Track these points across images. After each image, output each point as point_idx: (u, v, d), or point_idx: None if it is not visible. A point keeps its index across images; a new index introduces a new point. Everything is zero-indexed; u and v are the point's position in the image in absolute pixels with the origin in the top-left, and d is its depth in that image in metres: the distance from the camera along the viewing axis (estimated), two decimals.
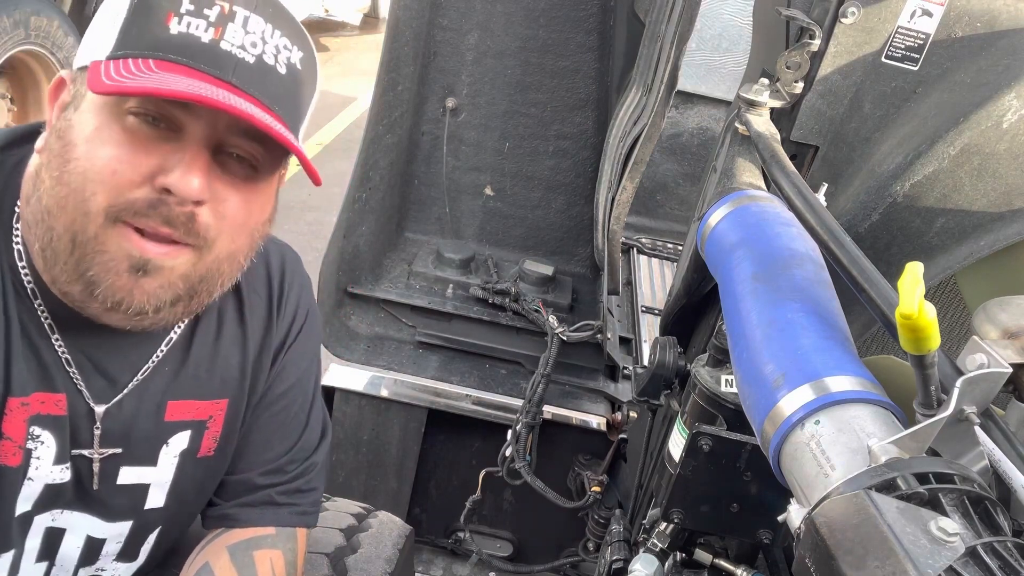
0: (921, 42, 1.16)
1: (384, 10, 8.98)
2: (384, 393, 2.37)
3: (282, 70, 0.94)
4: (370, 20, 9.83)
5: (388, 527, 1.52)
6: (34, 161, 0.95)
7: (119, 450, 1.08)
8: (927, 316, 0.61)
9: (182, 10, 0.88)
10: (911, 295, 0.60)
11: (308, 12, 8.08)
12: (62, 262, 0.92)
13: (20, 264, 0.98)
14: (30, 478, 1.03)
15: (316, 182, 0.97)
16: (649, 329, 2.44)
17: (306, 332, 1.24)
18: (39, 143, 0.95)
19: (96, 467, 1.07)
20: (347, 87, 7.43)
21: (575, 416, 2.38)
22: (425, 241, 2.85)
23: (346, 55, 8.82)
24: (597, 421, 2.37)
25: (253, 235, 1.01)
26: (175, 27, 0.88)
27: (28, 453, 1.01)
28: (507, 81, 2.69)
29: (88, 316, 0.97)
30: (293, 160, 1.01)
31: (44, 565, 1.12)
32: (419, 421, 2.38)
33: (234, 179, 0.94)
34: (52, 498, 1.06)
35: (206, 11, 0.89)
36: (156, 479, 1.13)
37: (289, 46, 0.95)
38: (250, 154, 0.94)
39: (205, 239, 0.94)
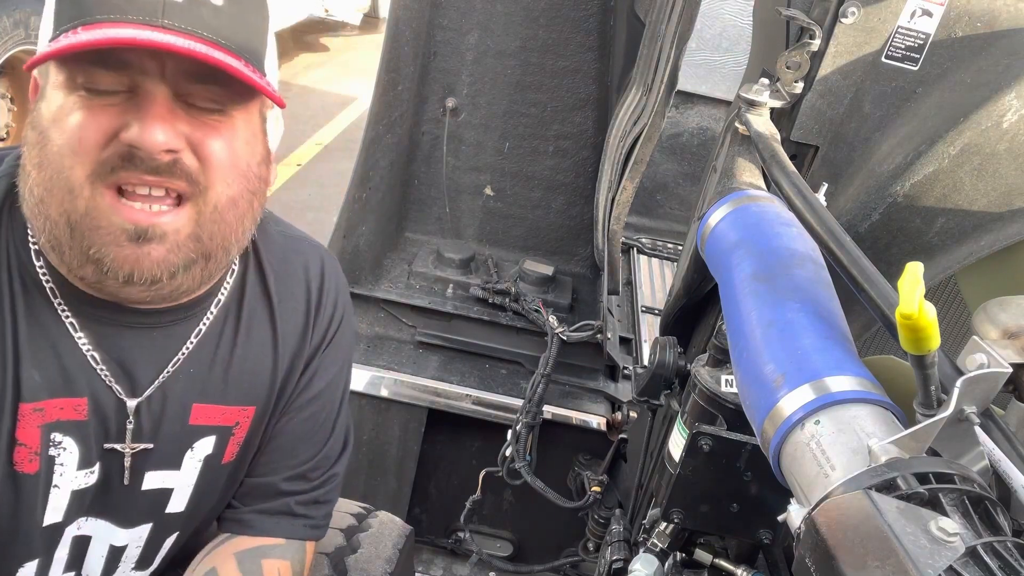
0: (921, 42, 1.16)
1: (384, 10, 8.97)
2: (384, 393, 2.37)
3: (217, 2, 0.89)
4: (370, 20, 9.83)
5: (388, 527, 1.52)
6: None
7: (150, 445, 1.07)
8: (927, 316, 0.61)
9: None
10: (911, 295, 0.60)
11: (308, 12, 8.08)
12: (67, 247, 0.91)
13: (38, 264, 0.98)
14: (56, 485, 1.02)
15: (280, 104, 0.95)
16: (649, 329, 2.44)
17: (339, 337, 1.22)
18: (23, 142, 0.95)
19: (127, 462, 1.06)
20: (347, 87, 7.43)
21: (575, 416, 2.38)
22: (425, 241, 2.85)
23: (346, 55, 8.82)
24: (597, 421, 2.37)
25: (249, 177, 0.98)
26: None
27: (51, 460, 1.00)
28: (507, 81, 2.69)
29: (108, 296, 0.97)
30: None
31: (72, 575, 1.11)
32: (419, 421, 2.38)
33: (205, 121, 0.92)
34: (79, 505, 1.06)
35: None
36: (179, 483, 1.12)
37: None
38: (209, 97, 0.91)
39: (197, 183, 0.92)
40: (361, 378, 2.36)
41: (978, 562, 0.53)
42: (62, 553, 1.08)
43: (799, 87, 1.19)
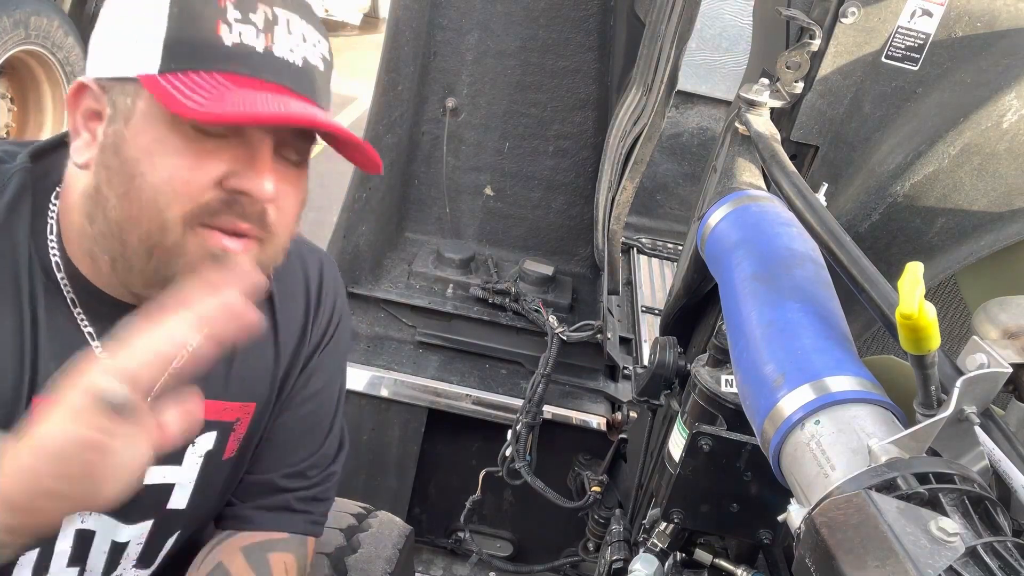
0: (921, 42, 1.16)
1: (384, 10, 8.98)
2: (384, 393, 2.37)
3: (321, 67, 0.97)
4: (370, 20, 9.83)
5: (388, 527, 1.52)
6: (82, 178, 0.94)
7: None
8: (927, 316, 0.61)
9: (229, 17, 0.87)
10: (911, 295, 0.60)
11: None
12: (138, 270, 0.93)
13: (60, 276, 0.98)
14: None
15: (377, 170, 1.01)
16: (649, 329, 2.44)
17: (337, 338, 1.25)
18: (82, 158, 0.93)
19: None
20: (347, 87, 7.42)
21: (575, 416, 2.38)
22: (425, 241, 2.85)
23: (346, 55, 8.82)
24: (597, 421, 2.37)
25: (297, 222, 1.04)
26: (227, 37, 0.87)
27: None
28: (507, 81, 2.69)
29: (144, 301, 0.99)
30: None
31: (75, 571, 1.12)
32: (419, 421, 2.38)
33: (288, 174, 0.97)
34: None
35: (252, 16, 0.88)
36: (180, 479, 1.13)
37: (320, 40, 0.97)
38: (298, 150, 0.98)
39: (272, 232, 0.97)
40: (361, 378, 2.36)
41: (978, 562, 0.53)
42: (64, 546, 1.09)
43: (799, 87, 1.19)
